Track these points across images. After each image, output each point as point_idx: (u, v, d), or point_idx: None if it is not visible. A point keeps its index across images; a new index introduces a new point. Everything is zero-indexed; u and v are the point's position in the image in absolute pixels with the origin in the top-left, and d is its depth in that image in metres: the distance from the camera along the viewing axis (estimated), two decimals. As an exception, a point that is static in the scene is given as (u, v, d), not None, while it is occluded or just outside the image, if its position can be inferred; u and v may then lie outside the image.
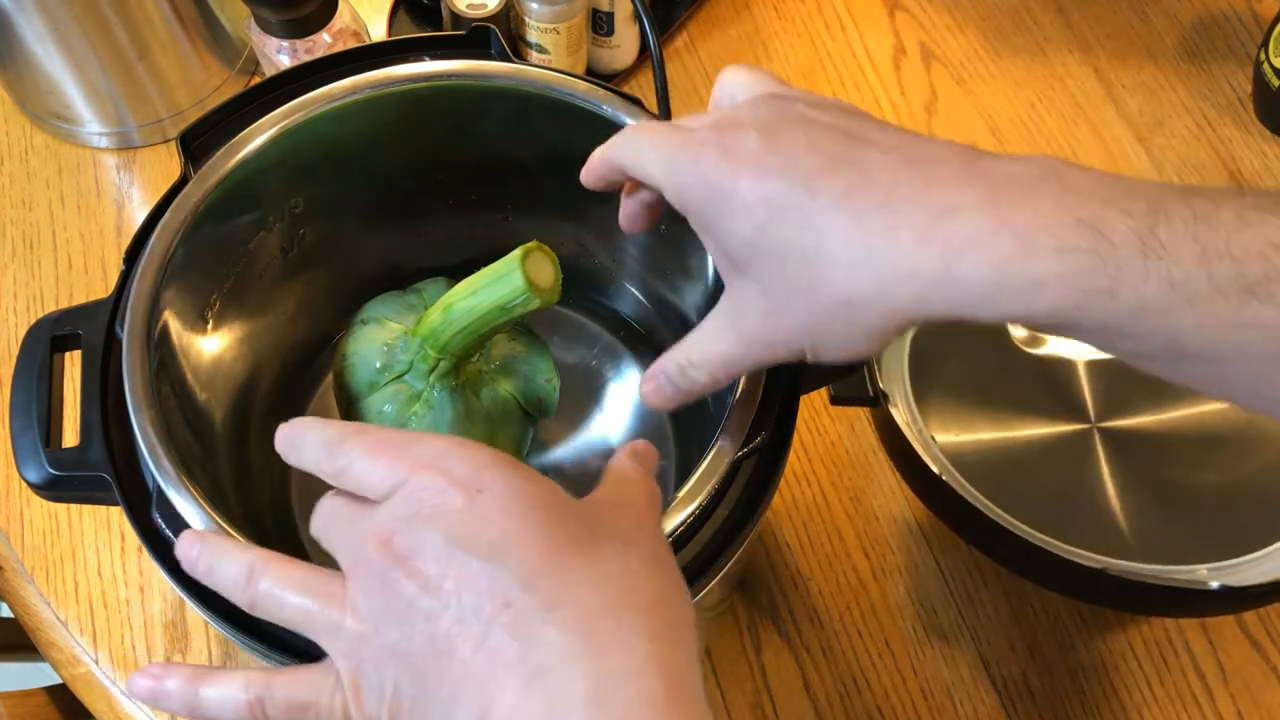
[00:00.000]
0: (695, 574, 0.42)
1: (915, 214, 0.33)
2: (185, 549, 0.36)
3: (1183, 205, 0.31)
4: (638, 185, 0.42)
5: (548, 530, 0.32)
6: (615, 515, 0.35)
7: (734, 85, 0.40)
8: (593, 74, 0.78)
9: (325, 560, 0.36)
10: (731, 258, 0.37)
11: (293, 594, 0.34)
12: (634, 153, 0.39)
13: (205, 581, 0.36)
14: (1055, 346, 0.61)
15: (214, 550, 0.36)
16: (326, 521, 0.35)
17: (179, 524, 0.40)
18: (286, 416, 0.59)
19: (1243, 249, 0.30)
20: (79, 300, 0.61)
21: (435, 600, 0.31)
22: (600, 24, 0.75)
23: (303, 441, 0.36)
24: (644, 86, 0.79)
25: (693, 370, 0.40)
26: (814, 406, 0.67)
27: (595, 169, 0.42)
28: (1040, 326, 0.33)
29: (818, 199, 0.34)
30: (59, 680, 0.61)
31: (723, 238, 0.37)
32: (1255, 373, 0.32)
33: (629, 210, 0.43)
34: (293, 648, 0.39)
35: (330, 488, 0.36)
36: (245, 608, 0.35)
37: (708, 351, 0.39)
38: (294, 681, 0.34)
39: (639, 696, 0.30)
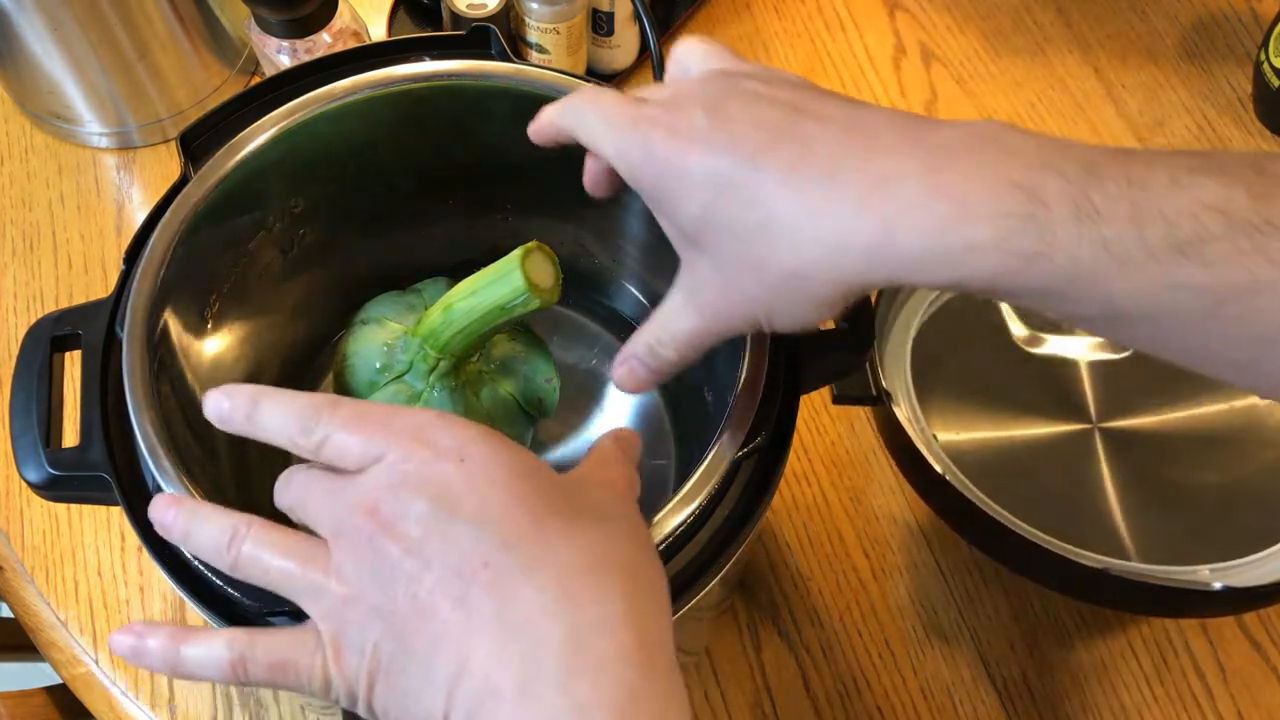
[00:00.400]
0: (695, 574, 0.42)
1: (856, 184, 0.33)
2: (160, 513, 0.36)
3: (1117, 168, 0.32)
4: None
5: (530, 497, 0.33)
6: (596, 490, 0.36)
7: (688, 57, 0.40)
8: (593, 74, 0.78)
9: None
10: (684, 234, 0.38)
11: (276, 557, 0.34)
12: (585, 124, 0.39)
13: (183, 546, 0.36)
14: (1057, 346, 0.61)
15: (191, 514, 0.36)
16: (305, 493, 0.35)
17: (179, 524, 0.40)
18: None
19: (1174, 210, 0.31)
20: (79, 300, 0.61)
21: (418, 561, 0.32)
22: (600, 24, 0.75)
23: (259, 412, 0.36)
24: (644, 86, 0.79)
25: (661, 349, 0.40)
26: (814, 406, 0.67)
27: (545, 130, 0.42)
28: (979, 291, 0.33)
29: (763, 173, 0.34)
30: (59, 680, 0.61)
31: (674, 215, 0.37)
32: (1189, 333, 0.32)
33: (592, 174, 0.43)
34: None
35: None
36: (226, 570, 0.35)
37: (672, 329, 0.40)
38: (275, 641, 0.34)
39: (611, 649, 0.31)
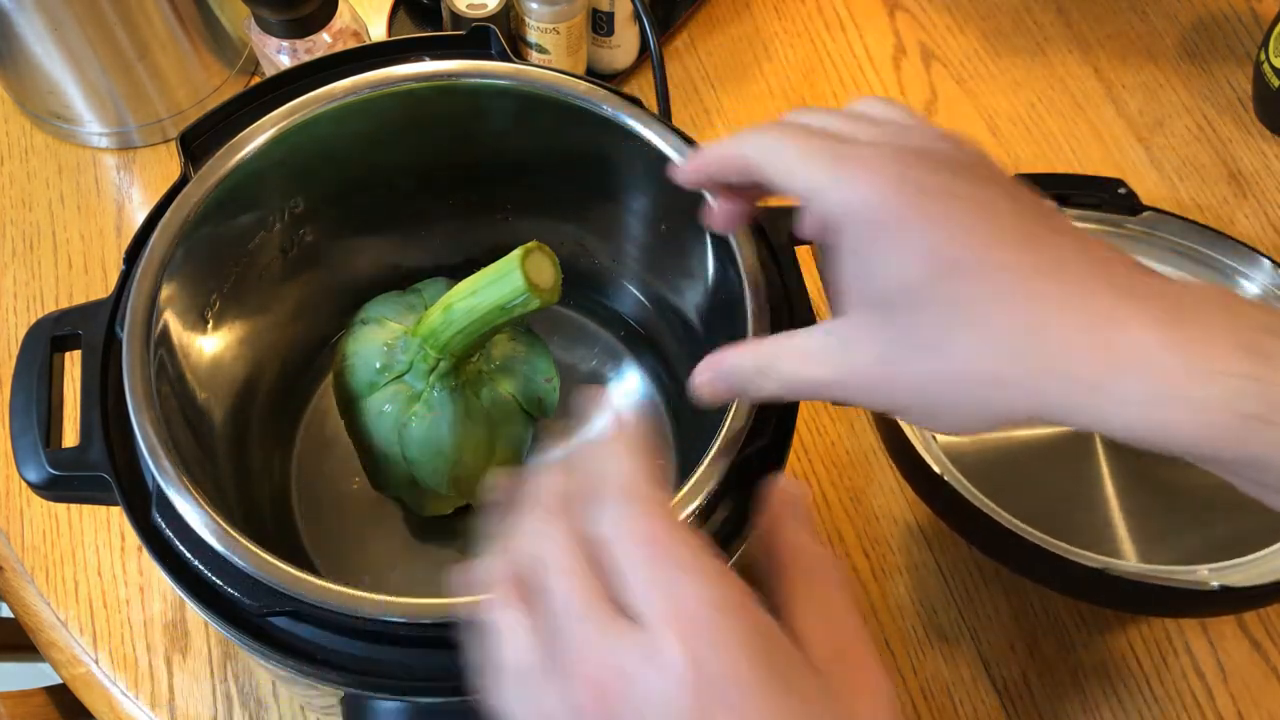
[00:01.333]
0: (695, 574, 0.42)
1: (1091, 312, 0.32)
2: None
3: None
4: (741, 191, 0.40)
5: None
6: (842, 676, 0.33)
7: (869, 105, 0.38)
8: (593, 74, 0.78)
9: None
10: (871, 293, 0.35)
11: None
12: (777, 158, 0.36)
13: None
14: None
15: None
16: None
17: (179, 524, 0.40)
18: (286, 416, 0.60)
19: None
20: (79, 300, 0.61)
21: None
22: (600, 24, 0.75)
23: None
24: (644, 86, 0.79)
25: (764, 379, 0.37)
26: (814, 406, 0.67)
27: (708, 166, 0.39)
28: (1177, 453, 0.32)
29: (1003, 271, 0.32)
30: (59, 680, 0.61)
31: (870, 271, 0.34)
32: None
33: (729, 211, 0.41)
34: (297, 650, 0.39)
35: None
36: None
37: (798, 369, 0.36)
38: None
39: None
